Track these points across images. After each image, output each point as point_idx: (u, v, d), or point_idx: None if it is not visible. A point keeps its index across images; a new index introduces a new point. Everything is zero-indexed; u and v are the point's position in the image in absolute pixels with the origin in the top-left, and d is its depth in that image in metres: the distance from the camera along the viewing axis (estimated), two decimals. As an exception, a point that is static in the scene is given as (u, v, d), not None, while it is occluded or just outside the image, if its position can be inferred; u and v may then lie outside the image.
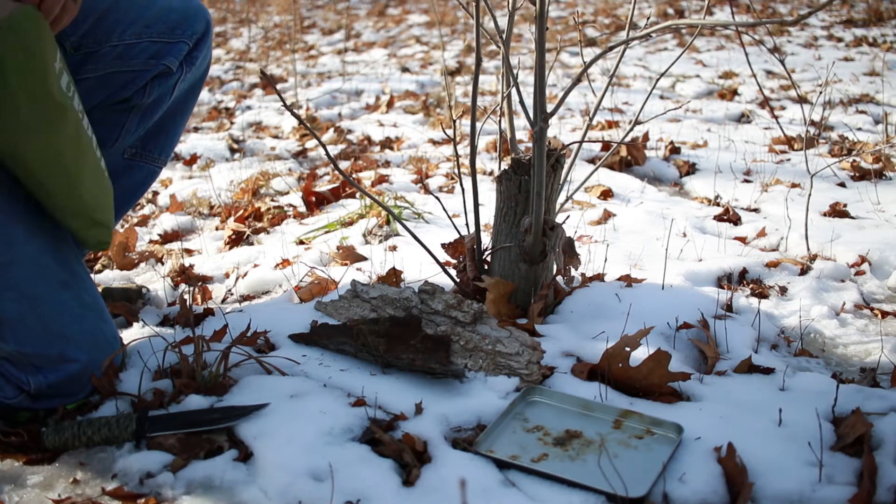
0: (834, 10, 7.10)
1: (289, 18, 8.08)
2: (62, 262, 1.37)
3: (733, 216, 2.41)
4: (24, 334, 1.32)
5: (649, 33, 1.43)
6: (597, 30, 6.66)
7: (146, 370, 1.43)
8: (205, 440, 1.24)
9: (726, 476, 1.13)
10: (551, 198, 1.67)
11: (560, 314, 1.69)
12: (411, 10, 9.14)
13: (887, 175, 2.76)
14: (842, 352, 1.64)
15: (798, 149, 3.19)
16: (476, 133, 1.67)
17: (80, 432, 1.24)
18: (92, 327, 1.39)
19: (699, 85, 4.61)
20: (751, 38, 4.44)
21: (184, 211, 2.71)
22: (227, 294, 1.95)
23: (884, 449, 1.16)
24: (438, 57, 5.89)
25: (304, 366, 1.46)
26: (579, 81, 1.59)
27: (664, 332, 1.60)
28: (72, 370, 1.34)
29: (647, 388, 1.38)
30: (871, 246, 2.05)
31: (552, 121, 2.55)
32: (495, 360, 1.43)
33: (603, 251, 2.07)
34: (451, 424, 1.28)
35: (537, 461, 1.18)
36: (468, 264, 1.76)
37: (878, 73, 4.49)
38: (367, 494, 1.10)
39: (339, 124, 3.96)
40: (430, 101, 4.43)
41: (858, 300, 1.85)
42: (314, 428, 1.23)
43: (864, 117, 3.61)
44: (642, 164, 3.06)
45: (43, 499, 1.14)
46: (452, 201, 2.45)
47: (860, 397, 1.32)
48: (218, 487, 1.14)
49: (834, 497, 1.09)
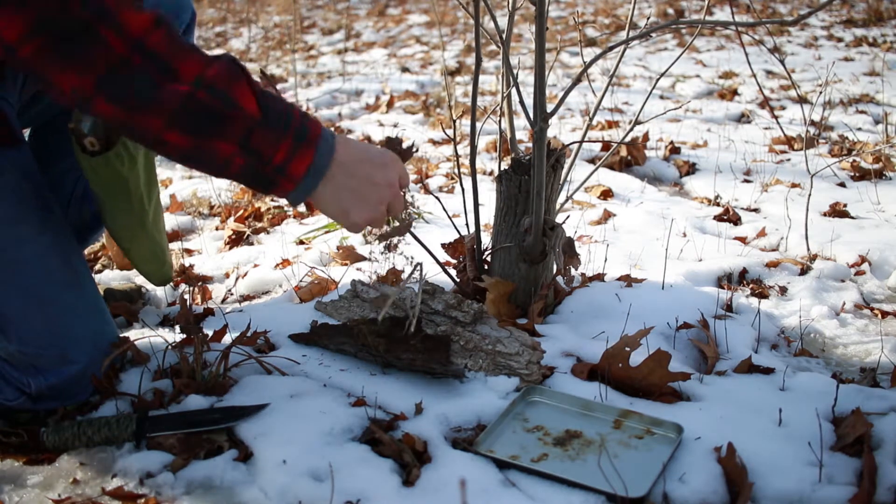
0: (834, 10, 7.10)
1: (289, 18, 8.08)
2: (67, 261, 1.37)
3: (733, 216, 2.41)
4: (27, 333, 1.32)
5: (649, 33, 1.43)
6: (597, 30, 6.66)
7: (146, 370, 1.43)
8: (205, 440, 1.24)
9: (726, 476, 1.13)
10: (551, 198, 1.67)
11: (560, 314, 1.69)
12: (411, 10, 9.14)
13: (887, 175, 2.76)
14: (842, 352, 1.64)
15: (798, 149, 3.19)
16: (476, 133, 1.67)
17: (80, 432, 1.24)
18: (94, 329, 1.40)
19: (699, 85, 4.61)
20: (751, 38, 4.44)
21: (184, 211, 2.71)
22: (227, 294, 1.95)
23: (884, 449, 1.16)
24: (438, 57, 5.89)
25: (304, 366, 1.46)
26: (579, 81, 1.59)
27: (664, 332, 1.60)
28: (72, 372, 1.34)
29: (647, 388, 1.38)
30: (871, 246, 2.05)
31: (552, 121, 2.54)
32: (495, 360, 1.43)
33: (603, 251, 2.07)
34: (451, 424, 1.28)
35: (537, 461, 1.18)
36: (468, 264, 1.76)
37: (878, 73, 4.49)
38: (367, 494, 1.10)
39: (339, 124, 3.96)
40: (430, 101, 4.43)
41: (858, 300, 1.85)
42: (314, 428, 1.23)
43: (864, 117, 3.61)
44: (642, 164, 3.06)
45: (43, 499, 1.14)
46: (452, 201, 2.45)
47: (860, 397, 1.32)
48: (218, 487, 1.14)
49: (834, 497, 1.09)
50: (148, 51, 1.00)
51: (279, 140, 1.07)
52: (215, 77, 1.03)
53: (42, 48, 0.97)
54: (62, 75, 0.99)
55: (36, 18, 0.96)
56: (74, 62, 0.98)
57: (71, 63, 0.98)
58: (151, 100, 1.00)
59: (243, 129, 1.05)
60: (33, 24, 0.96)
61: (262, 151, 1.06)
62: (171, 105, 1.01)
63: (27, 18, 0.96)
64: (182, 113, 1.02)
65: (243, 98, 1.04)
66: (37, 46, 0.97)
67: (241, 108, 1.04)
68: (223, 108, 1.03)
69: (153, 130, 1.02)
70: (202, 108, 1.02)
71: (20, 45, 0.97)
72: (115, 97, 1.00)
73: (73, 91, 1.00)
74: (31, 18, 0.96)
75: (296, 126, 1.08)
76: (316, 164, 1.11)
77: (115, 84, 0.99)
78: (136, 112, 1.01)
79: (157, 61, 1.00)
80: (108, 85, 0.99)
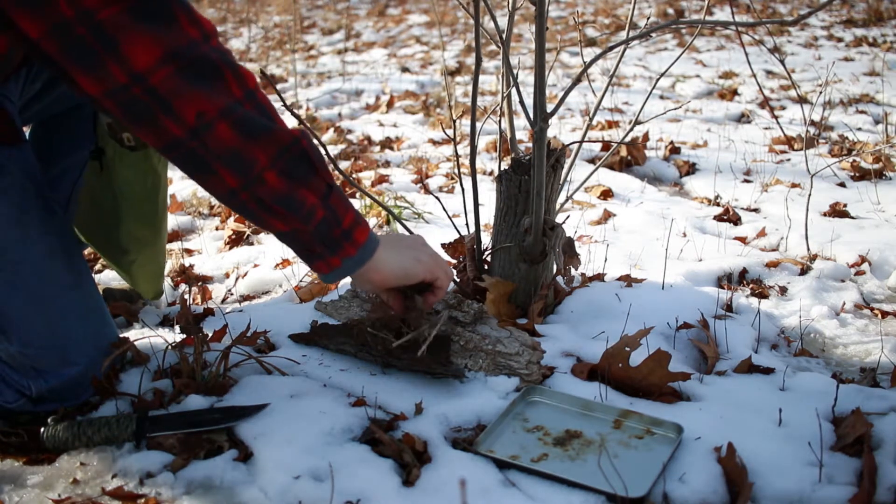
0: (834, 10, 7.10)
1: (289, 18, 8.08)
2: (69, 262, 1.37)
3: (733, 216, 2.41)
4: (29, 334, 1.32)
5: (649, 33, 1.43)
6: (597, 30, 6.66)
7: (146, 370, 1.43)
8: (205, 440, 1.24)
9: (726, 476, 1.13)
10: (551, 198, 1.67)
11: (560, 314, 1.69)
12: (411, 10, 9.14)
13: (887, 175, 2.76)
14: (842, 352, 1.64)
15: (798, 149, 3.19)
16: (476, 133, 1.67)
17: (80, 432, 1.23)
18: (95, 330, 1.40)
19: (699, 85, 4.61)
20: (751, 38, 4.44)
21: (184, 211, 2.71)
22: (227, 294, 1.95)
23: (884, 449, 1.16)
24: (438, 57, 5.89)
25: (304, 366, 1.46)
26: (579, 81, 1.59)
27: (664, 332, 1.60)
28: (73, 373, 1.34)
29: (647, 388, 1.38)
30: (871, 246, 2.05)
31: (552, 121, 2.55)
32: (495, 360, 1.43)
33: (603, 251, 2.07)
34: (451, 424, 1.28)
35: (537, 461, 1.18)
36: (468, 264, 1.76)
37: (878, 73, 4.49)
38: (367, 494, 1.10)
39: (339, 124, 3.96)
40: (430, 101, 4.43)
41: (858, 300, 1.85)
42: (314, 428, 1.23)
43: (864, 117, 3.61)
44: (642, 164, 3.07)
45: (43, 499, 1.14)
46: (452, 201, 2.45)
47: (860, 397, 1.32)
48: (218, 487, 1.14)
49: (834, 497, 1.09)
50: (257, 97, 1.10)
51: (347, 207, 1.19)
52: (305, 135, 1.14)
53: (174, 75, 1.02)
54: (192, 101, 1.03)
55: (171, 48, 1.01)
56: (204, 90, 1.04)
57: (201, 90, 1.04)
58: (264, 132, 1.09)
59: (325, 186, 1.15)
60: (168, 52, 1.01)
61: (336, 210, 1.17)
62: (279, 143, 1.10)
63: (162, 47, 1.01)
64: (287, 154, 1.11)
65: (322, 162, 1.15)
66: (169, 73, 1.02)
67: (326, 167, 1.15)
68: (316, 161, 1.14)
69: (259, 164, 1.09)
70: (302, 154, 1.12)
71: (152, 73, 1.01)
72: (237, 124, 1.07)
73: (198, 116, 1.04)
74: (166, 47, 1.01)
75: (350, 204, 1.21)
76: (371, 237, 1.23)
77: (236, 113, 1.06)
78: (252, 141, 1.08)
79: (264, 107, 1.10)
80: (231, 112, 1.06)
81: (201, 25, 1.05)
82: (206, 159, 1.07)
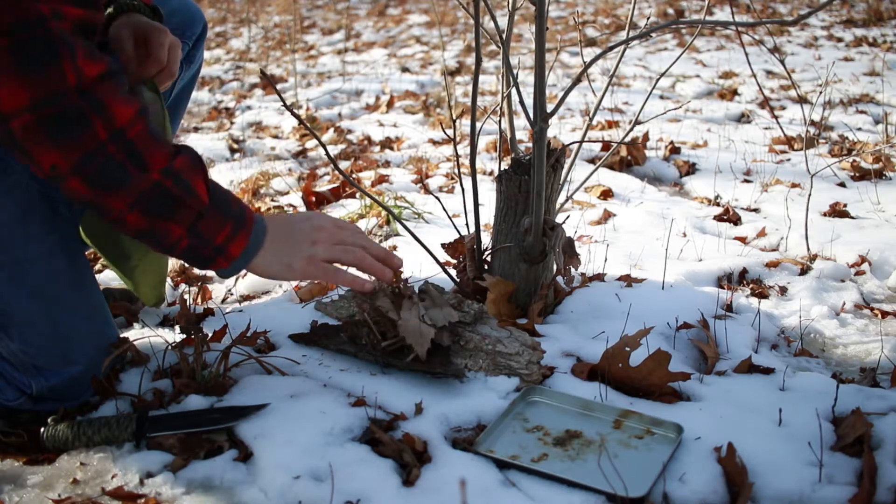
0: (834, 10, 7.10)
1: (289, 18, 8.08)
2: (72, 261, 1.38)
3: (733, 216, 2.41)
4: (31, 333, 1.32)
5: (649, 33, 1.43)
6: (597, 30, 6.66)
7: (146, 370, 1.43)
8: (205, 440, 1.24)
9: (726, 476, 1.13)
10: (551, 198, 1.67)
11: (560, 314, 1.69)
12: (411, 10, 9.14)
13: (887, 175, 2.76)
14: (842, 352, 1.64)
15: (798, 149, 3.19)
16: (476, 133, 1.67)
17: (80, 432, 1.24)
18: (97, 330, 1.40)
19: (699, 85, 4.61)
20: (751, 38, 4.44)
21: (184, 211, 2.70)
22: (227, 294, 1.95)
23: (884, 449, 1.16)
24: (438, 57, 5.89)
25: (304, 366, 1.46)
26: (579, 81, 1.59)
27: (664, 332, 1.60)
28: (74, 372, 1.35)
29: (647, 388, 1.38)
30: (871, 246, 2.05)
31: (552, 121, 2.54)
32: (495, 360, 1.43)
33: (603, 251, 2.07)
34: (451, 424, 1.28)
35: (537, 461, 1.18)
36: (468, 264, 1.76)
37: (878, 73, 4.49)
38: (367, 494, 1.10)
39: (339, 124, 3.96)
40: (430, 101, 4.43)
41: (858, 300, 1.85)
42: (314, 428, 1.23)
43: (864, 117, 3.61)
44: (642, 164, 3.06)
45: (43, 499, 1.14)
46: (452, 201, 2.45)
47: (860, 397, 1.32)
48: (218, 487, 1.14)
49: (834, 497, 1.09)
50: (126, 141, 1.11)
51: (222, 224, 1.22)
52: (180, 168, 1.17)
53: (34, 124, 1.05)
54: (47, 153, 1.08)
55: (39, 96, 1.04)
56: (61, 143, 1.08)
57: (57, 143, 1.07)
58: (121, 184, 1.12)
59: (194, 214, 1.19)
60: (34, 100, 1.04)
61: (205, 234, 1.21)
62: (137, 190, 1.13)
63: (30, 94, 1.04)
64: (146, 198, 1.14)
65: (198, 186, 1.18)
66: (30, 122, 1.05)
67: (196, 195, 1.18)
68: (181, 195, 1.17)
69: (116, 210, 1.15)
70: (164, 194, 1.15)
71: (14, 117, 1.04)
72: (90, 179, 1.11)
73: (52, 168, 1.09)
74: (34, 95, 1.04)
75: (235, 212, 1.24)
76: (249, 246, 1.26)
77: (90, 167, 1.10)
78: (106, 193, 1.13)
79: (132, 151, 1.12)
80: (85, 167, 1.10)
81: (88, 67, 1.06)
82: (71, 200, 1.16)
